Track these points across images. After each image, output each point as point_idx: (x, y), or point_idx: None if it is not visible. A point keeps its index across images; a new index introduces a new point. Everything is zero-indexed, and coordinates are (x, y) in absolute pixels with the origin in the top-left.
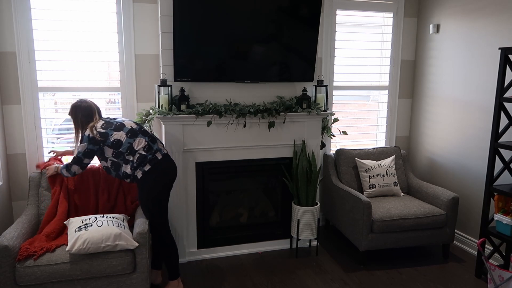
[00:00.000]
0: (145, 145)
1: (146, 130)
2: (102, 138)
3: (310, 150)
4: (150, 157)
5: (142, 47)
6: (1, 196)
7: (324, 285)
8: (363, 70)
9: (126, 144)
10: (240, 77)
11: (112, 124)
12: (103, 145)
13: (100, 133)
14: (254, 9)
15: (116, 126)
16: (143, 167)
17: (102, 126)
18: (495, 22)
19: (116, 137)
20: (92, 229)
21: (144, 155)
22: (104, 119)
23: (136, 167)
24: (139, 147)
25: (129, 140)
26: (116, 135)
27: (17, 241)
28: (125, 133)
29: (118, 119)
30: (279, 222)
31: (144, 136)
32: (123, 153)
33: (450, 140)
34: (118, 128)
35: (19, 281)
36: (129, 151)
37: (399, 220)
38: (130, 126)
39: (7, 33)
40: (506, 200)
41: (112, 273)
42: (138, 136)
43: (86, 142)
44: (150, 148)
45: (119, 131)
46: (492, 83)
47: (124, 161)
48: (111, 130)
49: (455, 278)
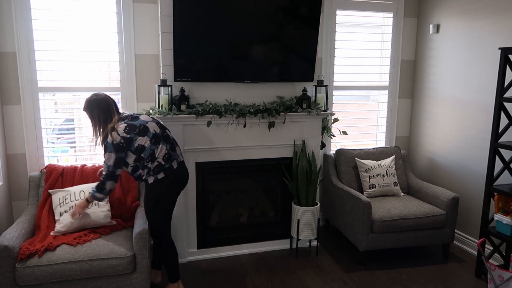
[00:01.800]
0: (165, 153)
1: (167, 135)
2: (126, 144)
3: (310, 150)
4: (167, 166)
5: (142, 47)
6: (1, 196)
7: (324, 285)
8: (363, 70)
9: (149, 151)
10: (240, 77)
11: (135, 127)
12: (127, 151)
13: (124, 139)
14: (254, 9)
15: (140, 129)
16: (157, 174)
17: (125, 130)
18: (495, 22)
19: (140, 143)
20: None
21: (162, 164)
22: (125, 121)
23: (152, 174)
24: (159, 155)
25: (152, 147)
26: (140, 140)
27: (17, 241)
28: (149, 138)
29: (140, 119)
30: (279, 222)
31: (165, 143)
32: (144, 159)
33: (450, 140)
34: (142, 133)
35: (19, 281)
36: (150, 158)
37: (399, 220)
38: (154, 131)
39: (7, 33)
40: (506, 200)
41: (112, 273)
42: (160, 143)
43: (113, 151)
44: (169, 157)
45: (143, 136)
46: (492, 83)
47: (142, 166)
48: (135, 134)
49: (455, 278)
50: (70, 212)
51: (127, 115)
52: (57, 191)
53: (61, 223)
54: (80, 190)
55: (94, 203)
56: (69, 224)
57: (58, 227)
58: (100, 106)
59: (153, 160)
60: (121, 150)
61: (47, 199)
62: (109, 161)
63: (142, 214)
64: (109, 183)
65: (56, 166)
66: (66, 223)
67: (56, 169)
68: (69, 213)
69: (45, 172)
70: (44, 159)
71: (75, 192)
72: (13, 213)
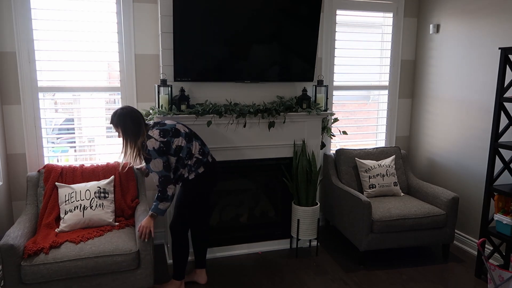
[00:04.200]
0: (200, 149)
1: (195, 133)
2: (166, 147)
3: (310, 150)
4: (204, 160)
5: (142, 47)
6: (1, 196)
7: (324, 285)
8: (363, 70)
9: (186, 149)
10: (240, 77)
11: (168, 131)
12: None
13: (163, 142)
14: (255, 9)
15: (173, 132)
16: (198, 169)
17: (160, 135)
18: (495, 22)
19: (178, 143)
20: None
21: (200, 159)
22: (155, 127)
23: (193, 170)
24: (195, 151)
25: (188, 145)
26: (177, 141)
27: (21, 240)
28: (183, 138)
29: (167, 124)
30: (279, 222)
31: (196, 139)
32: (183, 158)
33: (450, 140)
34: (176, 134)
35: (25, 279)
36: (188, 156)
37: (399, 220)
38: (184, 131)
39: (7, 33)
40: (506, 200)
41: (117, 269)
42: (193, 140)
43: (158, 157)
44: (204, 152)
45: (178, 137)
46: (492, 83)
47: (183, 165)
48: (170, 137)
49: (455, 278)
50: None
51: (154, 123)
52: (64, 186)
53: (65, 223)
54: (86, 189)
55: (98, 205)
56: (73, 225)
57: (62, 226)
58: (133, 119)
59: (191, 157)
60: (164, 154)
61: (49, 198)
62: (159, 167)
63: (143, 212)
64: (169, 188)
65: (55, 166)
66: (70, 223)
67: (54, 169)
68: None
69: (43, 172)
70: (44, 159)
71: (80, 191)
72: (13, 213)
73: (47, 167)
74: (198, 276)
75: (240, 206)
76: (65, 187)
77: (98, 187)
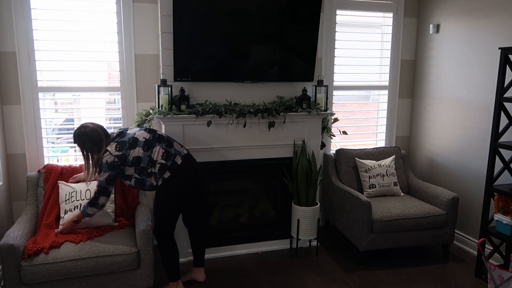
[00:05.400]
0: (163, 152)
1: (160, 135)
2: (121, 161)
3: (310, 150)
4: (169, 163)
5: (142, 47)
6: (1, 196)
7: (324, 285)
8: (363, 70)
9: (146, 158)
10: (240, 77)
11: (125, 143)
12: (124, 167)
13: (118, 156)
14: (255, 9)
15: (130, 143)
16: (163, 175)
17: (116, 148)
18: (495, 22)
19: (134, 155)
20: None
21: (164, 164)
22: (114, 140)
23: (158, 177)
24: (158, 157)
25: (147, 153)
26: (134, 153)
27: (21, 240)
28: (141, 148)
29: (128, 134)
30: (279, 222)
31: (160, 143)
32: (145, 168)
33: (450, 140)
34: (133, 145)
35: (25, 279)
36: (150, 164)
37: (399, 220)
38: (144, 138)
39: (7, 33)
40: (506, 200)
41: (117, 269)
42: (155, 146)
43: (107, 170)
44: (169, 154)
45: (135, 148)
46: (492, 83)
47: (147, 174)
48: (127, 150)
49: (455, 278)
50: (60, 229)
51: (116, 134)
52: (65, 185)
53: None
54: (86, 189)
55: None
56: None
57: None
58: (92, 138)
59: (153, 164)
60: (115, 168)
61: (49, 198)
62: (102, 178)
63: (143, 212)
64: (102, 198)
65: (55, 166)
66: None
67: (54, 169)
68: (60, 228)
69: (43, 172)
70: (44, 159)
71: (81, 191)
72: (13, 213)
73: (47, 167)
74: (196, 274)
75: (240, 206)
76: (66, 186)
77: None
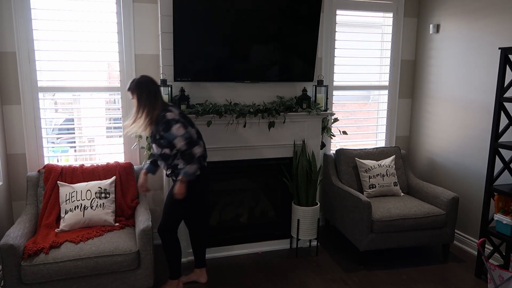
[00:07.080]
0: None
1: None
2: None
3: (310, 150)
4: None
5: (142, 47)
6: (1, 196)
7: (324, 285)
8: (363, 70)
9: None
10: (240, 77)
11: (186, 117)
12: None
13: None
14: (254, 9)
15: (189, 121)
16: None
17: (180, 115)
18: (495, 22)
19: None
20: None
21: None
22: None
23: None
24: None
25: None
26: (191, 131)
27: (21, 240)
28: (196, 132)
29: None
30: (279, 222)
31: (202, 142)
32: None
33: (450, 140)
34: (192, 124)
35: (25, 279)
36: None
37: (399, 220)
38: (197, 128)
39: (7, 33)
40: (506, 200)
41: (117, 269)
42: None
43: (179, 122)
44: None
45: (193, 128)
46: (492, 83)
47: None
48: (187, 123)
49: (455, 278)
50: (175, 192)
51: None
52: (65, 185)
53: (66, 222)
54: (87, 189)
55: (99, 205)
56: (73, 224)
57: (62, 225)
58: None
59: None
60: (181, 122)
61: (49, 198)
62: (181, 131)
63: (143, 212)
64: (195, 148)
65: (55, 166)
66: (70, 222)
67: (54, 169)
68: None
69: (43, 172)
70: (44, 159)
71: (81, 191)
72: (13, 213)
73: (47, 167)
74: (198, 276)
75: (240, 206)
76: (66, 186)
77: (99, 188)
